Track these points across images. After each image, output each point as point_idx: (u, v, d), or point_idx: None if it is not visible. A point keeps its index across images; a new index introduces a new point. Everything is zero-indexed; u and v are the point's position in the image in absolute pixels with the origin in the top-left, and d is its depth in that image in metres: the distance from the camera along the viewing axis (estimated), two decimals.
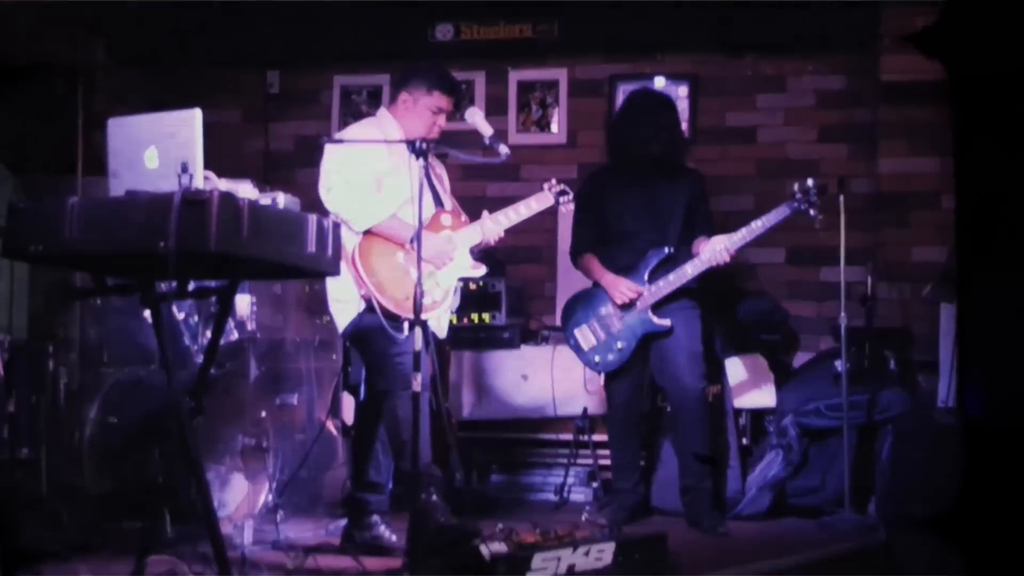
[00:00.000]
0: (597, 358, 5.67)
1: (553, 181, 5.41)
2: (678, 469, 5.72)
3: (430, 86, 5.01)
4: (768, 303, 6.78)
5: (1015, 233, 3.49)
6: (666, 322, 5.57)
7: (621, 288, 5.60)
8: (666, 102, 5.88)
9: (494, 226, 5.10)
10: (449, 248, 4.98)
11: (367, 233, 4.82)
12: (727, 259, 5.51)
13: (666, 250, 5.61)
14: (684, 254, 5.60)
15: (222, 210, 3.59)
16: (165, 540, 4.52)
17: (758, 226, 5.51)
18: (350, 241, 4.77)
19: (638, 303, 5.59)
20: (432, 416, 4.85)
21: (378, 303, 4.72)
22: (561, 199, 5.39)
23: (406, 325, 4.61)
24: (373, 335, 4.82)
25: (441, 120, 5.05)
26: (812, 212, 5.54)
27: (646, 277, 5.60)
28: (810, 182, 5.55)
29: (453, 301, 5.07)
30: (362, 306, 4.81)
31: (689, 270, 5.54)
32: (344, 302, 4.88)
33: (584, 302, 5.75)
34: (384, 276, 4.78)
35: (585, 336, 5.69)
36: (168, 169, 3.75)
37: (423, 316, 4.65)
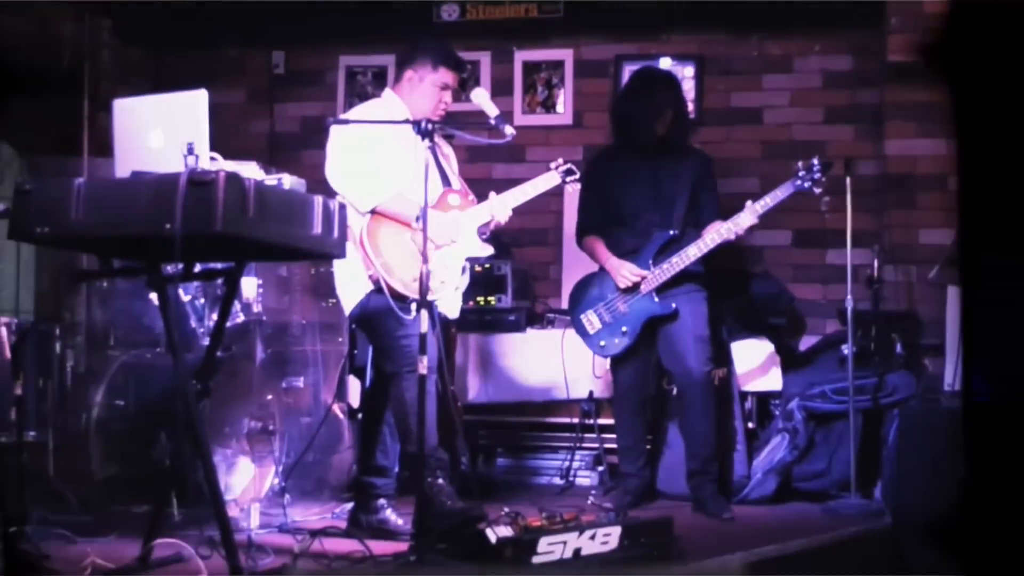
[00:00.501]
0: (603, 342, 5.65)
1: (560, 160, 5.39)
2: (684, 453, 5.71)
3: (435, 62, 5.00)
4: (774, 286, 6.76)
5: (1020, 214, 3.47)
6: (671, 305, 5.56)
7: (623, 272, 5.58)
8: (669, 80, 5.84)
9: (501, 206, 5.08)
10: (456, 227, 4.96)
11: (374, 214, 4.81)
12: (732, 238, 5.48)
13: (670, 232, 5.59)
14: (690, 236, 5.57)
15: (228, 191, 3.59)
16: (172, 523, 4.52)
17: (761, 206, 5.48)
18: (357, 222, 4.75)
19: (642, 286, 5.57)
20: (438, 399, 4.84)
21: (386, 284, 4.71)
22: (567, 178, 5.35)
23: (414, 306, 4.59)
24: (380, 317, 4.80)
25: (447, 97, 5.03)
26: (816, 190, 5.51)
27: (650, 260, 5.58)
28: (815, 160, 5.52)
29: (462, 281, 5.06)
30: (369, 288, 4.80)
31: (692, 252, 5.51)
32: (351, 284, 4.87)
33: (590, 287, 5.72)
34: (392, 257, 4.76)
35: (591, 321, 5.66)
36: (174, 150, 3.74)
37: (433, 297, 4.66)
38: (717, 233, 5.47)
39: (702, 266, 5.60)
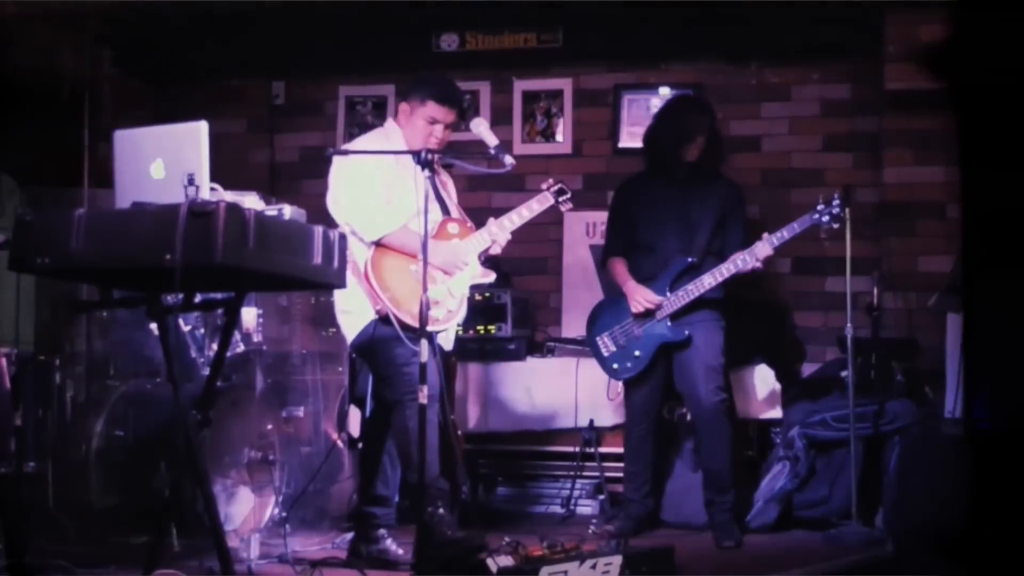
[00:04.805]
0: (615, 365, 5.67)
1: (550, 181, 5.37)
2: (703, 481, 5.71)
3: (423, 96, 4.99)
4: (773, 313, 6.76)
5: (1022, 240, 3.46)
6: (683, 332, 5.56)
7: (638, 297, 5.59)
8: (701, 106, 5.88)
9: (500, 230, 5.08)
10: (459, 255, 4.96)
11: (378, 246, 4.81)
12: (748, 269, 5.49)
13: (688, 260, 5.60)
14: (709, 265, 5.57)
15: (228, 222, 3.60)
16: (172, 554, 4.51)
17: (777, 238, 5.48)
18: (361, 255, 4.76)
19: (657, 312, 5.57)
20: (439, 428, 4.84)
21: (395, 317, 4.70)
22: (559, 198, 5.33)
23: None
24: (386, 345, 4.78)
25: (438, 131, 4.99)
26: (834, 225, 5.55)
27: (667, 287, 5.59)
28: (836, 195, 5.55)
29: (463, 312, 5.05)
30: (373, 316, 4.79)
31: (708, 280, 5.52)
32: (352, 313, 4.87)
33: (608, 309, 5.75)
34: (398, 290, 4.76)
35: (606, 344, 5.68)
36: (174, 181, 3.75)
37: (441, 327, 4.68)
38: (733, 263, 5.49)
39: (721, 294, 5.61)
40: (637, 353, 5.62)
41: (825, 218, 5.53)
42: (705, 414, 5.59)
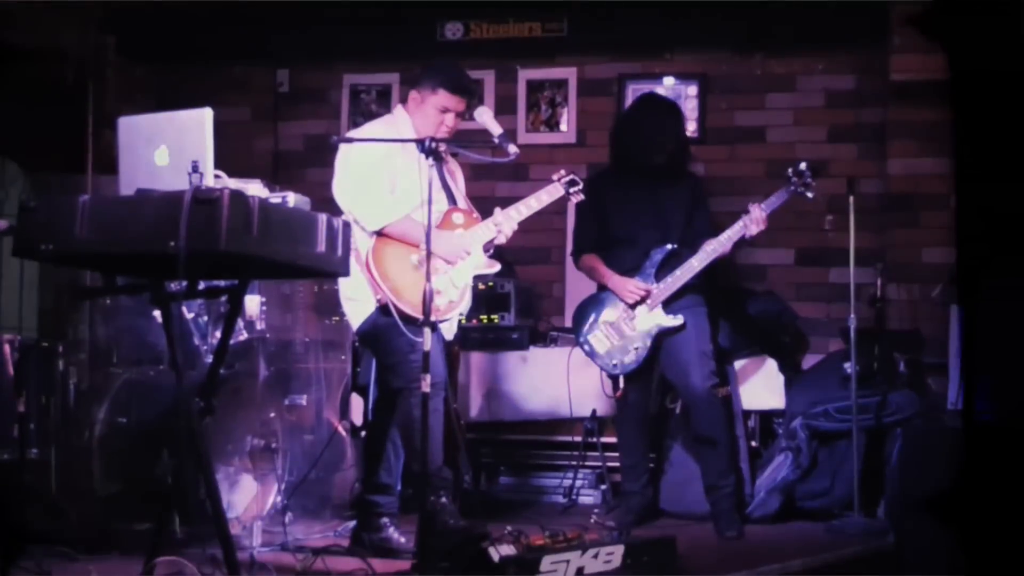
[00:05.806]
0: (615, 361, 5.64)
1: (562, 172, 5.32)
2: (700, 468, 5.71)
3: (435, 85, 4.97)
4: (776, 305, 6.76)
5: (1020, 233, 3.46)
6: (679, 318, 5.56)
7: (629, 288, 5.58)
8: (672, 109, 5.86)
9: (506, 221, 5.06)
10: (461, 244, 4.95)
11: (380, 236, 4.79)
12: (730, 248, 5.53)
13: (669, 247, 5.61)
14: (685, 254, 5.59)
15: (232, 209, 3.60)
16: (174, 541, 4.51)
17: (758, 211, 5.50)
18: (363, 244, 4.75)
19: (649, 301, 5.57)
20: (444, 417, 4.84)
21: (395, 307, 4.69)
22: (571, 189, 5.29)
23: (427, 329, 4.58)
24: (391, 333, 4.76)
25: (448, 119, 4.97)
26: (809, 194, 5.58)
27: (653, 275, 5.59)
28: (803, 165, 5.58)
29: (466, 303, 5.03)
30: (377, 306, 4.78)
31: (695, 263, 5.53)
32: (358, 301, 4.86)
33: (594, 307, 5.72)
34: (400, 280, 4.74)
35: (599, 341, 5.65)
36: (179, 168, 3.76)
37: (444, 317, 4.67)
38: (718, 242, 5.53)
39: (701, 279, 5.62)
40: (636, 345, 5.61)
41: (800, 188, 5.59)
42: (700, 400, 5.59)
